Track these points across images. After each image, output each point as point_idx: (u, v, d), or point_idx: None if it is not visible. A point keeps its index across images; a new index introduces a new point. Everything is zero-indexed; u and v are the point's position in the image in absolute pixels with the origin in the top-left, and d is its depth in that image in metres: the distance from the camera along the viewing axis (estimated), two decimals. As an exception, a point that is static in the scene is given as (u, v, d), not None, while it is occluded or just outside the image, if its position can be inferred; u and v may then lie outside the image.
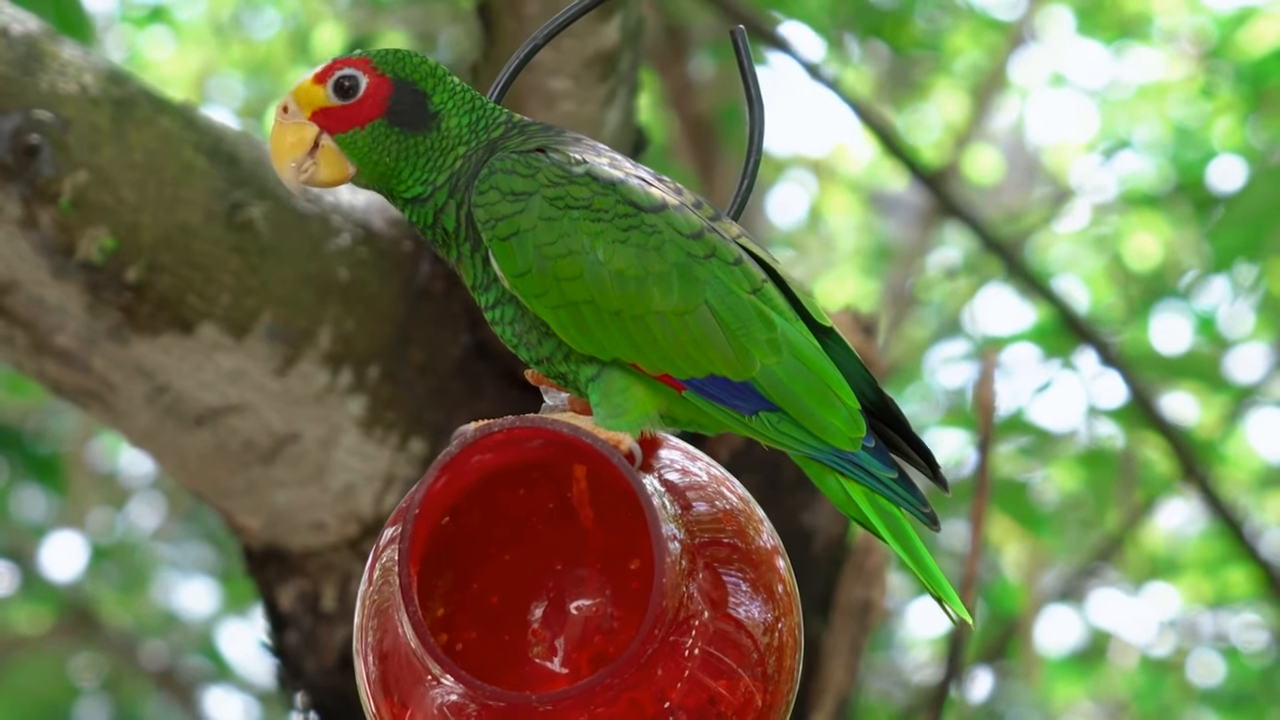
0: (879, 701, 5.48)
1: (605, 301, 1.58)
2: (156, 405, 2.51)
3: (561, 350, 1.60)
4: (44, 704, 5.84)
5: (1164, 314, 5.15)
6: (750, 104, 1.73)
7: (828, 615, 2.70)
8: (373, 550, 1.64)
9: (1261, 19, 5.17)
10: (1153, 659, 5.76)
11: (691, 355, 1.59)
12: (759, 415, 1.60)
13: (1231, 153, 4.95)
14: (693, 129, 4.88)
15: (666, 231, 1.59)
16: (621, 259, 1.58)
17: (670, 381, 1.59)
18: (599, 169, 1.60)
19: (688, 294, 1.59)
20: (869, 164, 6.33)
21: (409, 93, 1.61)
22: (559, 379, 1.62)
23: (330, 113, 1.60)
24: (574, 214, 1.58)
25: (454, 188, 1.61)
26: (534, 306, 1.58)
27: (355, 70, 1.61)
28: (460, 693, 1.52)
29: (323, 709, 2.66)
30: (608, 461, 1.52)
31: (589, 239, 1.58)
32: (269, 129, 1.62)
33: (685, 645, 1.55)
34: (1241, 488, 5.57)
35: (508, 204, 1.58)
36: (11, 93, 2.35)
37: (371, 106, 1.60)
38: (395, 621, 1.56)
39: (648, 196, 1.60)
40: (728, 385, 1.60)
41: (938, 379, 5.05)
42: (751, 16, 3.92)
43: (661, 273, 1.59)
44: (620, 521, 1.60)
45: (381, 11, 5.30)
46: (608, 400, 1.59)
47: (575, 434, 1.53)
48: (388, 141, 1.61)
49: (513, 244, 1.58)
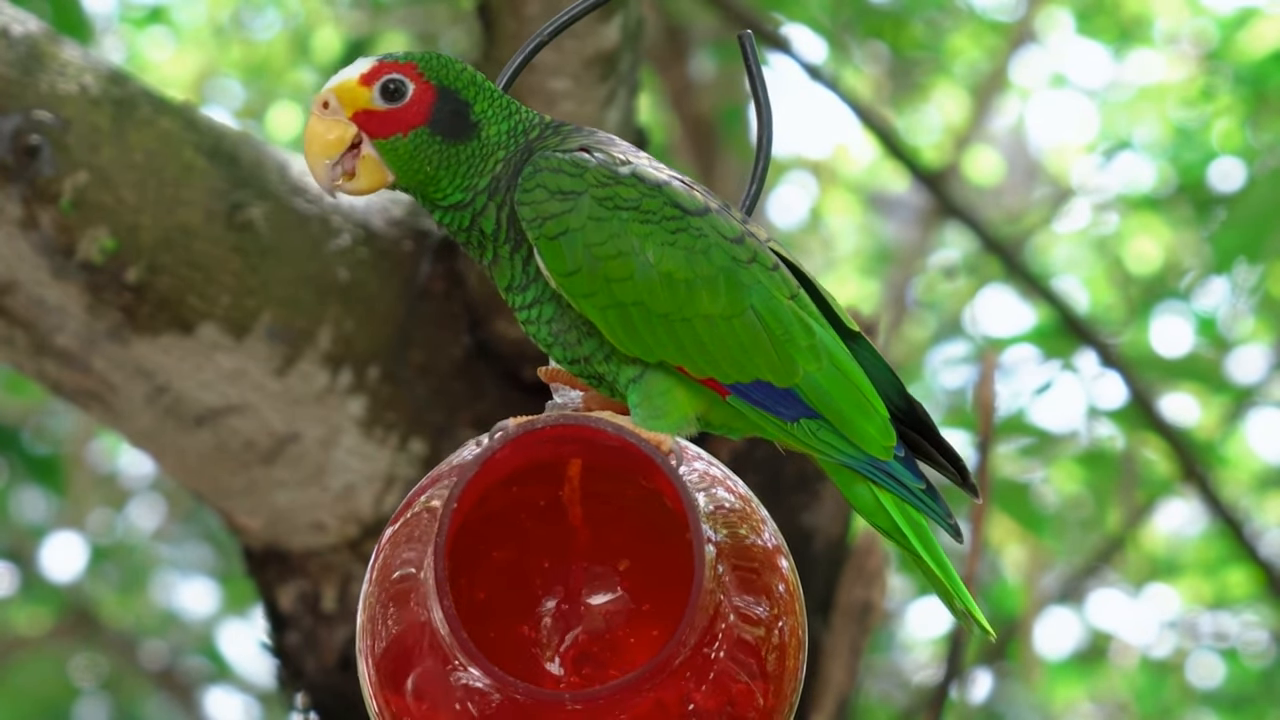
0: (879, 702, 5.48)
1: (654, 304, 1.57)
2: (156, 405, 2.51)
3: (603, 351, 1.59)
4: (44, 704, 5.84)
5: (1164, 315, 5.15)
6: (759, 109, 1.72)
7: (828, 616, 2.70)
8: (375, 550, 1.64)
9: (1262, 21, 5.17)
10: (1153, 660, 5.76)
11: (738, 360, 1.58)
12: (800, 422, 1.60)
13: (1232, 154, 4.94)
14: (693, 129, 4.88)
15: (712, 235, 1.58)
16: (670, 261, 1.57)
17: (715, 386, 1.59)
18: (644, 170, 1.59)
19: (734, 298, 1.58)
20: (869, 165, 6.33)
21: (453, 101, 1.59)
22: (591, 379, 1.61)
23: (374, 115, 1.58)
24: (623, 215, 1.57)
25: (493, 190, 1.59)
26: (582, 306, 1.57)
27: (402, 74, 1.58)
28: (485, 686, 1.52)
29: (323, 709, 2.66)
30: (650, 462, 1.51)
31: (639, 240, 1.57)
32: (306, 123, 1.59)
33: (713, 648, 1.55)
34: (1242, 489, 5.57)
35: (556, 203, 1.56)
36: (11, 93, 2.35)
37: (416, 113, 1.58)
38: (413, 614, 1.55)
39: (692, 199, 1.59)
40: (771, 391, 1.59)
41: (938, 380, 5.05)
42: (752, 17, 3.92)
43: (709, 276, 1.58)
44: (610, 521, 1.60)
45: (382, 12, 5.30)
46: (649, 401, 1.58)
47: (620, 433, 1.52)
48: (429, 150, 1.58)
49: (561, 243, 1.56)
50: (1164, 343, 5.06)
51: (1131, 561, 5.74)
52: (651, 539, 1.61)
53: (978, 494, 1.68)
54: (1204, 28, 5.61)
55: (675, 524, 1.60)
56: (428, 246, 2.61)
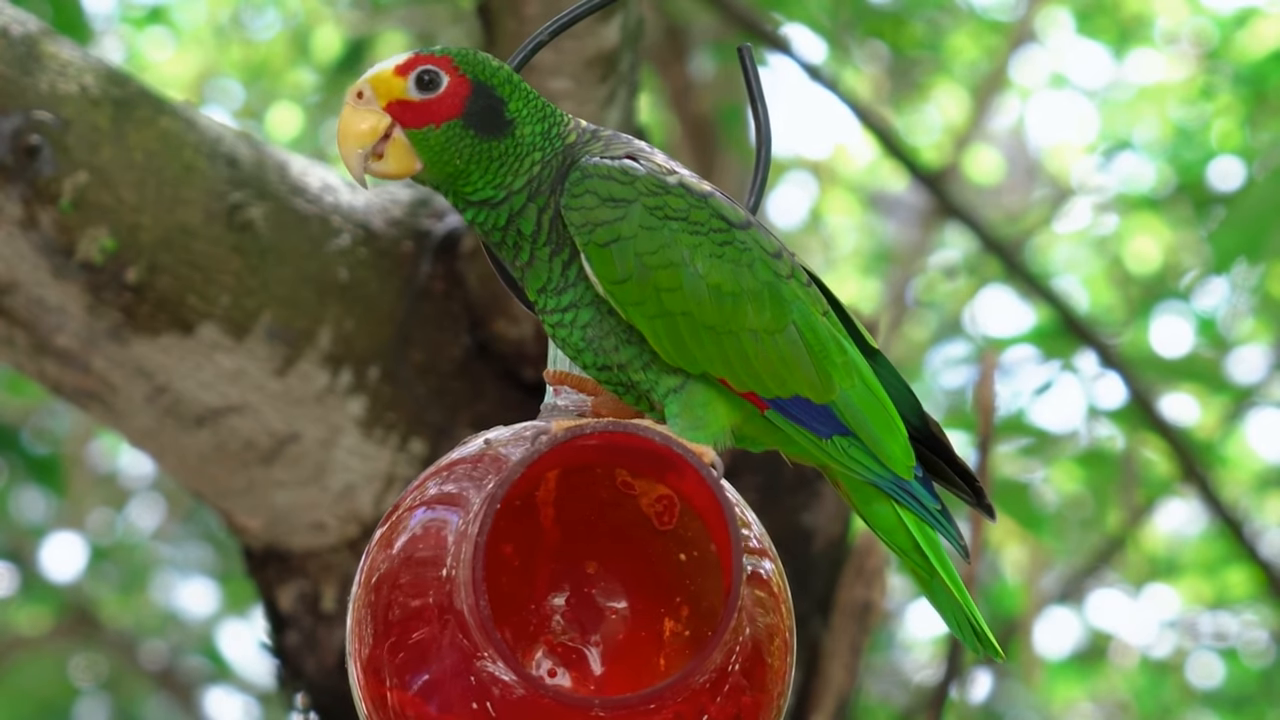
0: (879, 702, 5.48)
1: (702, 315, 1.57)
2: (156, 405, 2.51)
3: (641, 359, 1.59)
4: (44, 704, 5.85)
5: (1164, 315, 5.15)
6: (758, 125, 1.73)
7: (828, 615, 2.70)
8: (365, 552, 1.63)
9: (1262, 20, 5.17)
10: (1153, 660, 5.76)
11: (780, 375, 1.58)
12: (833, 440, 1.60)
13: (1231, 154, 4.94)
14: (693, 129, 4.88)
15: (755, 249, 1.59)
16: (718, 273, 1.57)
17: (755, 400, 1.59)
18: (690, 181, 1.59)
19: (778, 313, 1.58)
20: (869, 165, 6.33)
21: (487, 96, 1.58)
22: (618, 386, 1.60)
23: (407, 106, 1.57)
24: (673, 225, 1.57)
25: (533, 191, 1.58)
26: (629, 315, 1.56)
27: (437, 67, 1.57)
28: (493, 686, 1.51)
29: (323, 709, 2.66)
30: (696, 473, 1.51)
31: (688, 251, 1.57)
32: (341, 115, 1.59)
33: (731, 660, 1.55)
34: (1241, 489, 5.58)
35: (607, 209, 1.56)
36: (11, 93, 2.35)
37: (450, 106, 1.57)
38: (431, 614, 1.54)
39: (735, 212, 1.60)
40: (809, 407, 1.59)
41: (938, 380, 5.06)
42: (752, 18, 3.92)
43: (754, 290, 1.58)
44: (581, 524, 1.59)
45: (382, 12, 5.30)
46: (689, 412, 1.58)
47: (668, 443, 1.51)
48: (461, 143, 1.57)
49: (612, 250, 1.56)
50: (1164, 343, 5.07)
51: (1131, 561, 5.74)
52: (622, 541, 1.61)
53: (993, 515, 1.68)
54: (1204, 28, 5.61)
55: (649, 528, 1.60)
56: (428, 246, 2.61)
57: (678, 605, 1.60)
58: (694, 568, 1.60)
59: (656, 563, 1.60)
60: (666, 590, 1.60)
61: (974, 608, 1.63)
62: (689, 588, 1.60)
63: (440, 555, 1.57)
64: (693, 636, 1.59)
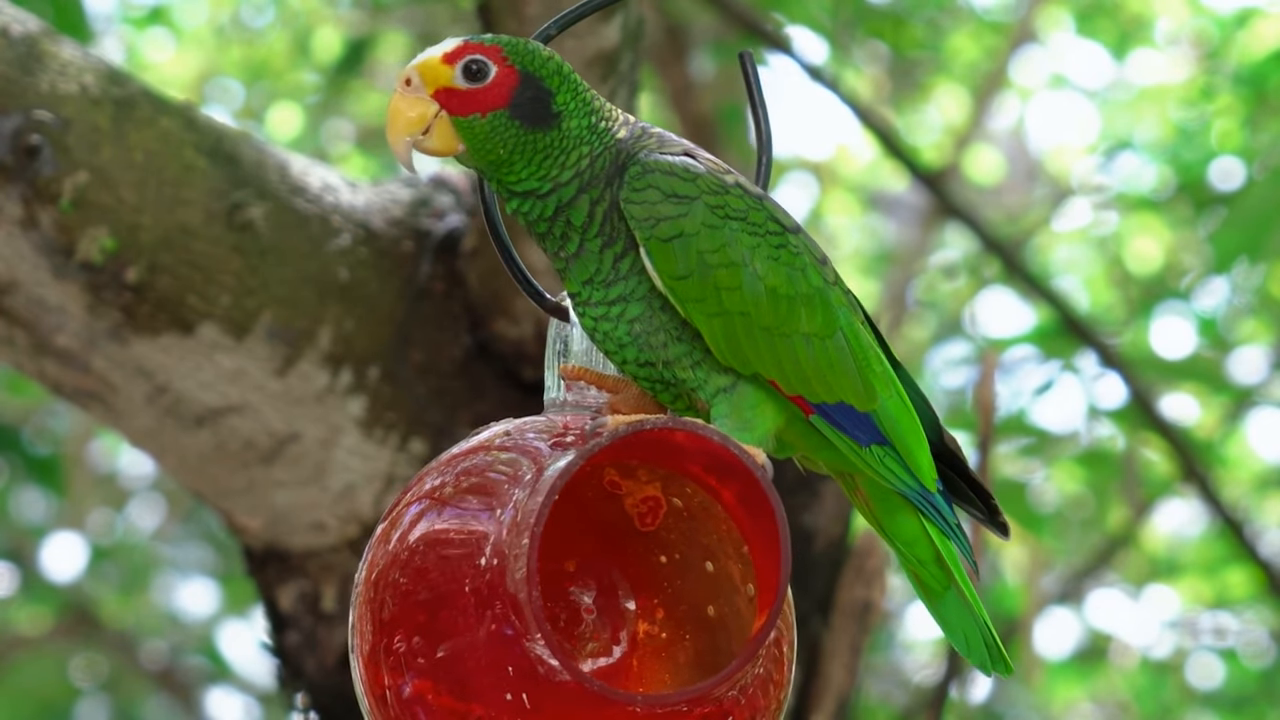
0: (879, 702, 5.48)
1: (759, 316, 1.57)
2: (156, 405, 2.51)
3: (692, 357, 1.58)
4: (44, 704, 5.85)
5: (1164, 315, 5.15)
6: (759, 131, 1.73)
7: (828, 615, 2.70)
8: (366, 549, 1.63)
9: (1262, 21, 5.17)
10: (1153, 660, 5.77)
11: (828, 380, 1.58)
12: (871, 448, 1.60)
13: (1232, 154, 4.95)
14: (693, 129, 4.87)
15: (805, 255, 1.59)
16: (775, 276, 1.58)
17: (802, 404, 1.59)
18: (744, 183, 1.60)
19: (827, 319, 1.59)
20: (869, 165, 6.33)
21: (535, 88, 1.58)
22: (658, 383, 1.60)
23: (454, 94, 1.57)
24: (733, 224, 1.57)
25: (585, 183, 1.58)
26: (688, 311, 1.57)
27: (486, 57, 1.58)
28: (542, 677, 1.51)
29: (323, 709, 2.66)
30: (749, 474, 1.50)
31: (748, 251, 1.57)
32: (390, 101, 1.59)
33: (755, 665, 1.56)
34: (1242, 489, 5.58)
35: (670, 205, 1.56)
36: (11, 93, 2.35)
37: (497, 96, 1.57)
38: (464, 610, 1.53)
39: (787, 217, 1.60)
40: (852, 414, 1.60)
41: (938, 380, 5.06)
42: (752, 18, 3.92)
43: (807, 295, 1.58)
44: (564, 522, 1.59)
45: (382, 12, 5.30)
46: (738, 413, 1.58)
47: (725, 443, 1.51)
48: (506, 133, 1.57)
49: (674, 246, 1.56)
50: (1164, 343, 5.07)
51: (1131, 561, 5.74)
52: (602, 540, 1.61)
53: (1007, 533, 1.69)
54: (1204, 28, 5.61)
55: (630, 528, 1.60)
56: (428, 246, 2.61)
57: (654, 607, 1.60)
58: (673, 571, 1.60)
59: (635, 564, 1.60)
60: (644, 592, 1.60)
61: (989, 622, 1.63)
62: (666, 590, 1.60)
63: (458, 547, 1.57)
64: (668, 639, 1.59)
